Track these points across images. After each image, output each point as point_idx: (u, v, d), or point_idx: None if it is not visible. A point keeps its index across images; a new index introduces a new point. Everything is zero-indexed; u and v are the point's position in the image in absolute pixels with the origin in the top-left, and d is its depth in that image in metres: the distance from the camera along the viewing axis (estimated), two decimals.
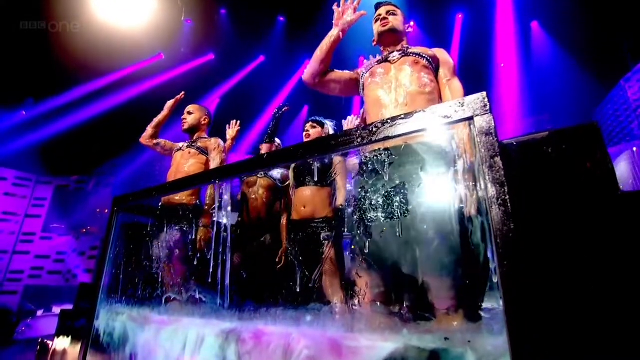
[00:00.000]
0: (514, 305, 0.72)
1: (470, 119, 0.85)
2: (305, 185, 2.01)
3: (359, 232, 1.04)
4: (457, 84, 1.31)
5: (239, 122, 2.74)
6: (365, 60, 1.86)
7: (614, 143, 4.97)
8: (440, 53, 1.38)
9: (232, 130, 2.67)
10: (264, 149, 2.40)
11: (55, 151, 7.57)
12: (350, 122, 2.32)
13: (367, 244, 1.02)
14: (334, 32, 1.41)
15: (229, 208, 1.33)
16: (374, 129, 1.00)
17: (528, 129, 5.92)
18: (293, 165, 2.16)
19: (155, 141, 2.36)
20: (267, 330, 1.08)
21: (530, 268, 0.75)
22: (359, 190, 1.08)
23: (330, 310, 1.00)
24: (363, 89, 1.40)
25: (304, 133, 2.21)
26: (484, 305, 0.84)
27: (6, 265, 7.55)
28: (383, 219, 0.99)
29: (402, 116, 0.95)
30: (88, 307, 1.92)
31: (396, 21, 1.44)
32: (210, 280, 1.28)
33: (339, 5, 1.42)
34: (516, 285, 0.73)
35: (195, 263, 1.39)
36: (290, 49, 7.98)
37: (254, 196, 2.36)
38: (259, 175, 2.51)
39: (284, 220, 2.24)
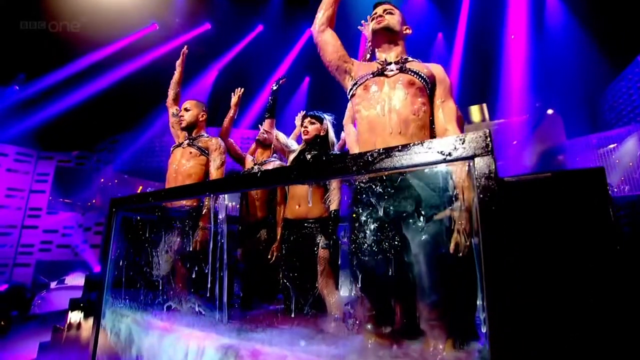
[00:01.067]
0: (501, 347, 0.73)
1: (471, 158, 0.81)
2: (301, 182, 1.99)
3: (354, 261, 1.05)
4: (450, 107, 1.25)
5: (242, 89, 2.70)
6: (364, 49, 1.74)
7: (623, 123, 4.84)
8: (437, 70, 1.30)
9: (235, 97, 2.62)
10: (266, 125, 2.35)
11: (54, 128, 7.50)
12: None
13: (360, 277, 1.02)
14: None
15: (225, 226, 1.32)
16: (369, 159, 0.97)
17: (533, 107, 5.74)
18: (290, 161, 2.13)
19: (175, 108, 2.35)
20: (263, 350, 1.12)
21: (519, 316, 0.76)
22: (354, 220, 1.07)
23: (323, 337, 1.02)
24: (353, 96, 1.33)
25: (302, 129, 2.14)
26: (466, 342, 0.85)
27: (17, 240, 7.78)
28: (376, 251, 0.99)
29: (399, 148, 0.91)
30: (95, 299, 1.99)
31: (392, 20, 1.34)
32: (208, 295, 1.31)
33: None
34: (503, 335, 0.73)
35: (194, 276, 1.42)
36: (290, 17, 7.59)
37: (253, 192, 2.35)
38: (254, 169, 2.49)
39: (280, 215, 2.24)
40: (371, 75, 1.30)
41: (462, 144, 0.83)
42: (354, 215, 1.08)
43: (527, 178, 0.84)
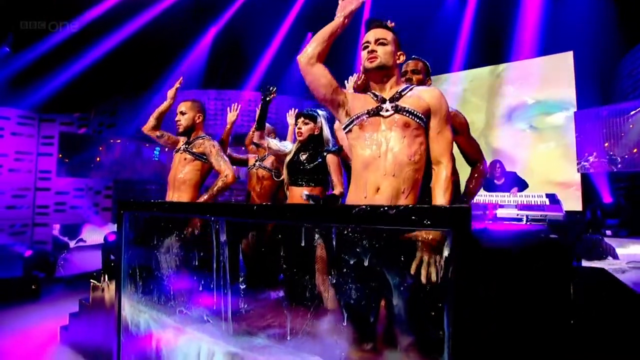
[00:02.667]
0: None
1: (449, 229, 0.88)
2: (298, 184, 2.07)
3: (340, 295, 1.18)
4: (446, 137, 1.26)
5: (239, 105, 2.67)
6: (353, 80, 1.73)
7: (639, 93, 4.64)
8: (432, 100, 1.28)
9: (232, 114, 2.62)
10: (256, 137, 2.36)
11: (54, 90, 7.37)
12: (352, 81, 2.25)
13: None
14: (336, 21, 1.33)
15: (226, 248, 1.43)
16: (359, 212, 1.04)
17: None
18: (286, 162, 2.17)
19: (158, 132, 2.34)
20: (263, 359, 1.30)
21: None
22: (340, 263, 1.18)
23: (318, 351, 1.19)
24: (349, 132, 1.34)
25: (297, 129, 2.15)
26: None
27: (32, 201, 8.12)
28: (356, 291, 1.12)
29: (384, 208, 0.97)
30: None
31: (385, 55, 1.29)
32: (215, 307, 1.47)
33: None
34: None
35: (200, 289, 1.57)
36: None
37: (257, 188, 2.45)
38: (255, 168, 2.55)
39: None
40: (367, 115, 1.30)
41: (443, 214, 0.89)
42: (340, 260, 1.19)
43: (504, 247, 0.91)
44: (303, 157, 2.11)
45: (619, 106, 4.81)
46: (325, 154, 2.09)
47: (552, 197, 4.19)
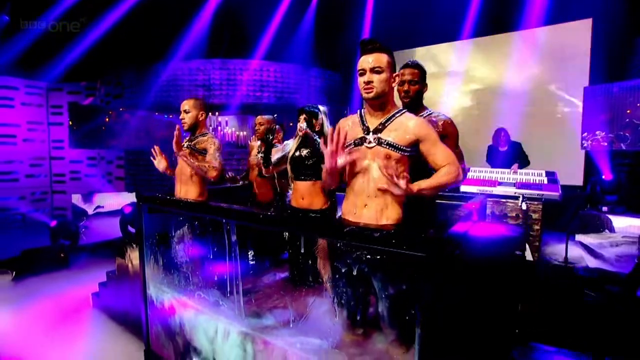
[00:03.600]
0: None
1: (424, 254, 1.04)
2: (301, 179, 2.21)
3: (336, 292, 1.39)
4: (441, 151, 1.35)
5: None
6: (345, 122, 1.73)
7: None
8: (418, 131, 1.35)
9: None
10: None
11: (60, 60, 7.34)
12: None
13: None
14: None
15: (237, 247, 1.63)
16: (350, 231, 1.20)
17: None
18: (289, 158, 2.30)
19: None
20: (271, 341, 1.56)
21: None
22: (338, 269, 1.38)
23: (317, 330, 1.43)
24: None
25: (298, 125, 2.24)
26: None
27: (49, 169, 8.46)
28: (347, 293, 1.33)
29: (372, 231, 1.14)
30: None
31: (381, 84, 1.34)
32: (229, 295, 1.71)
33: (325, 143, 1.37)
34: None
35: (215, 278, 1.80)
36: None
37: (259, 179, 2.60)
38: (258, 157, 2.67)
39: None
40: (353, 145, 1.41)
41: (418, 242, 1.05)
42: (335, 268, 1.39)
43: (467, 265, 1.08)
44: (305, 152, 2.22)
45: (630, 83, 4.68)
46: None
47: (551, 176, 4.28)
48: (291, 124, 5.89)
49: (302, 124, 2.22)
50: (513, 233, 1.59)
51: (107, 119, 7.39)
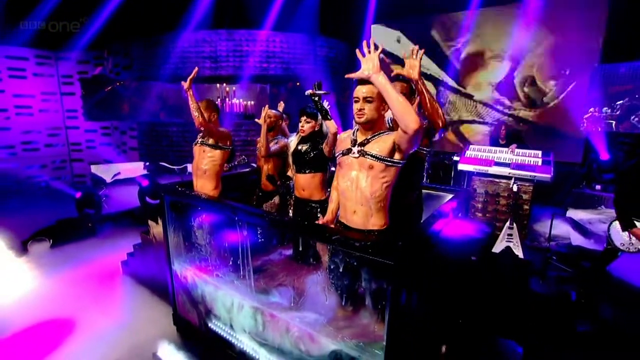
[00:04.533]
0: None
1: (392, 262, 1.33)
2: (302, 172, 2.47)
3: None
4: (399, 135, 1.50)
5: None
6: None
7: None
8: (394, 136, 1.53)
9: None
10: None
11: (67, 29, 7.34)
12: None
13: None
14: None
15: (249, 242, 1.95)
16: (337, 238, 1.50)
17: None
18: (291, 152, 2.54)
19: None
20: (277, 314, 1.93)
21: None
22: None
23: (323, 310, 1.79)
24: (337, 162, 1.71)
25: (300, 126, 2.45)
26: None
27: (65, 139, 8.81)
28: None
29: (354, 240, 1.42)
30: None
31: (371, 112, 1.54)
32: (241, 277, 2.07)
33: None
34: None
35: (230, 263, 2.14)
36: None
37: (265, 167, 2.86)
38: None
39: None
40: (341, 155, 1.65)
41: (390, 252, 1.34)
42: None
43: (430, 265, 1.37)
44: (304, 148, 2.46)
45: (637, 63, 4.62)
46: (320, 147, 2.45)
47: (546, 157, 4.43)
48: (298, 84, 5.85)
49: (303, 125, 2.43)
50: (478, 234, 1.84)
51: (118, 91, 7.55)
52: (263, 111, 2.74)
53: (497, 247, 4.08)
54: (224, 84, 7.80)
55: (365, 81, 1.57)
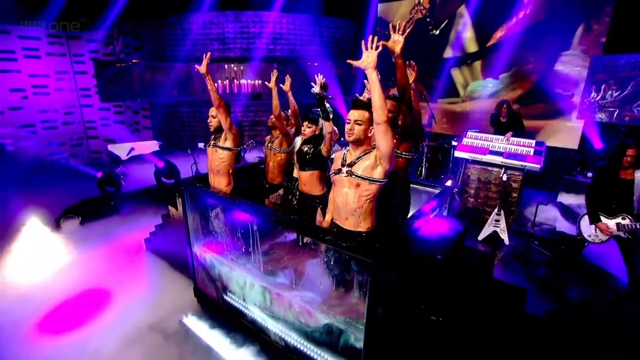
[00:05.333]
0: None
1: (373, 261, 1.68)
2: (304, 170, 2.79)
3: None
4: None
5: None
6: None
7: None
8: (377, 153, 1.81)
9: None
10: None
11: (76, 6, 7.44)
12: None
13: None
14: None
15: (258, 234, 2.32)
16: (329, 239, 1.85)
17: None
18: (296, 152, 2.85)
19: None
20: (282, 293, 2.35)
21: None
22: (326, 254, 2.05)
23: (318, 291, 2.19)
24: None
25: (302, 130, 2.74)
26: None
27: (80, 117, 9.16)
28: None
29: (343, 241, 1.77)
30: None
31: (359, 132, 1.82)
32: (252, 261, 2.47)
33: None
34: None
35: (243, 250, 2.53)
36: None
37: (270, 162, 3.18)
38: (268, 148, 3.20)
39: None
40: (334, 174, 1.95)
41: (370, 253, 1.69)
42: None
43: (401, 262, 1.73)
44: (306, 148, 2.77)
45: (636, 56, 4.66)
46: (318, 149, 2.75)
47: (539, 147, 4.64)
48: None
49: (304, 130, 2.73)
50: (450, 233, 2.16)
51: (131, 72, 7.75)
52: (272, 75, 3.05)
53: (484, 232, 4.44)
54: (232, 65, 7.95)
55: (357, 106, 1.86)
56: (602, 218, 2.95)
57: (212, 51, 7.40)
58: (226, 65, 7.57)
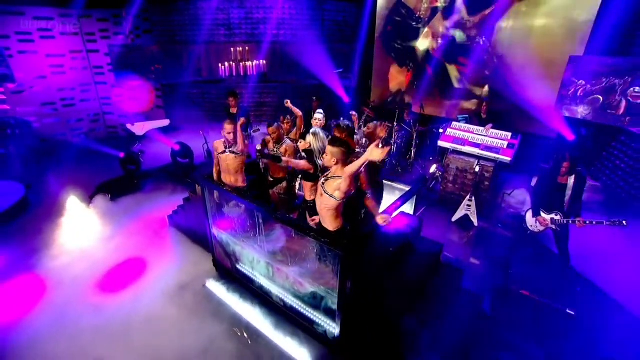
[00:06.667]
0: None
1: (342, 252, 2.41)
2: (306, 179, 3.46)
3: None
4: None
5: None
6: None
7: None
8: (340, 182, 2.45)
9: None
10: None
11: None
12: None
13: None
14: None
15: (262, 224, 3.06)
16: (313, 233, 2.58)
17: None
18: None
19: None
20: (281, 268, 3.14)
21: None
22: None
23: (306, 269, 2.97)
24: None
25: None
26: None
27: (95, 94, 9.70)
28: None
29: (321, 237, 2.50)
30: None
31: (330, 162, 2.41)
32: (259, 243, 3.24)
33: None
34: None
35: (252, 235, 3.28)
36: None
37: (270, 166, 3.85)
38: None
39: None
40: (321, 185, 2.63)
41: (339, 245, 2.41)
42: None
43: (366, 252, 2.46)
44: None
45: (611, 60, 5.01)
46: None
47: (512, 141, 5.20)
48: None
49: (304, 143, 3.35)
50: (406, 229, 2.84)
51: (144, 55, 8.14)
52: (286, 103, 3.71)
53: (458, 215, 5.16)
54: (238, 47, 8.30)
55: (333, 144, 2.49)
56: (542, 213, 3.63)
57: (219, 36, 7.80)
58: (232, 48, 7.93)
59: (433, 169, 6.31)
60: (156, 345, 3.08)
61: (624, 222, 3.06)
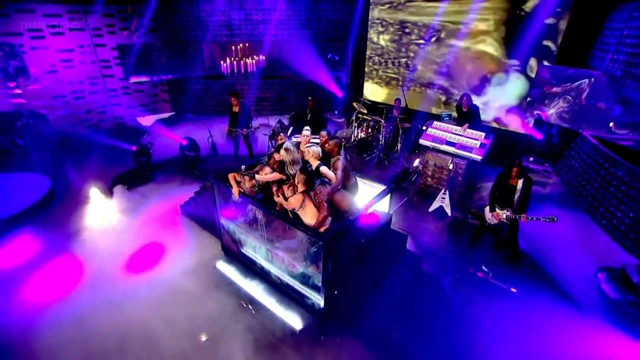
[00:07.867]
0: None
1: (323, 241, 3.13)
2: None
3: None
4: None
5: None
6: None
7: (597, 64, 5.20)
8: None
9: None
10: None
11: None
12: None
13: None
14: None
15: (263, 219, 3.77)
16: (303, 229, 3.29)
17: None
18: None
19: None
20: (277, 252, 3.89)
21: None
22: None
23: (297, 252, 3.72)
24: None
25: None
26: None
27: (103, 86, 10.22)
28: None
29: (307, 229, 3.22)
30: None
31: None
32: (261, 234, 3.97)
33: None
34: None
35: (254, 226, 4.01)
36: None
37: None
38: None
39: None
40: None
41: (322, 238, 3.12)
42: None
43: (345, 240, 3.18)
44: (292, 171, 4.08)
45: (564, 70, 5.58)
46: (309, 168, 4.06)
47: (485, 141, 5.84)
48: None
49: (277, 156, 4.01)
50: (378, 224, 3.55)
51: (151, 51, 8.62)
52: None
53: (434, 206, 5.88)
54: (239, 46, 8.77)
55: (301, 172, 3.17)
56: (497, 209, 4.34)
57: (221, 36, 8.26)
58: (233, 47, 8.41)
59: (416, 162, 6.98)
60: (184, 312, 3.87)
61: (555, 218, 3.78)
